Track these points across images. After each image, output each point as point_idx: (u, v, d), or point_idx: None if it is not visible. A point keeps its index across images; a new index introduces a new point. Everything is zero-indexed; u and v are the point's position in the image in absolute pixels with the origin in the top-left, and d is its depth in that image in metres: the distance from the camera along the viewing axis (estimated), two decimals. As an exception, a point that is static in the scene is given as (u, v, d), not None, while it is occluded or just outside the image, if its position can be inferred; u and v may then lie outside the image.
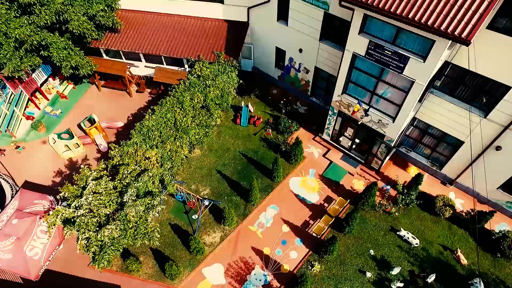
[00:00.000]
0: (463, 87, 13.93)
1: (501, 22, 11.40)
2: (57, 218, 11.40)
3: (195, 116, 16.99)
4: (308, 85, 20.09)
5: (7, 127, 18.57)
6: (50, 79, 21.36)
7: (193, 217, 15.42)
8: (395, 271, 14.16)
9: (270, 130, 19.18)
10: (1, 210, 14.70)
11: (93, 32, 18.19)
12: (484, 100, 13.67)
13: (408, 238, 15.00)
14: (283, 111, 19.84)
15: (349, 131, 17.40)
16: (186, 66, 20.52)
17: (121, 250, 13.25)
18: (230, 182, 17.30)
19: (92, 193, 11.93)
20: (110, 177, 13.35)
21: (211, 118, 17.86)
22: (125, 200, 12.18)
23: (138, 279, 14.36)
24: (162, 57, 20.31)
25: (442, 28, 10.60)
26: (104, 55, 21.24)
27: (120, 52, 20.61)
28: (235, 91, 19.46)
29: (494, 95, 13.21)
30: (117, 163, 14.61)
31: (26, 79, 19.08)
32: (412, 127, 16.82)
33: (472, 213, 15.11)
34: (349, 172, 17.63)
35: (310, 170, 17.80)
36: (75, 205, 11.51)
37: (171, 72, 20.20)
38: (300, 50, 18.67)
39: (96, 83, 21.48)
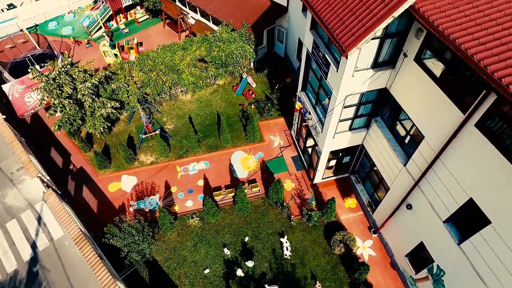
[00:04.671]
0: (398, 123, 12.39)
1: (424, 57, 10.03)
2: (34, 77, 16.04)
3: (189, 64, 19.56)
4: (311, 83, 19.98)
5: (88, 27, 25.00)
6: (138, 7, 27.09)
7: (140, 135, 18.41)
8: (249, 263, 14.22)
9: (253, 106, 20.21)
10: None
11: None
12: (408, 145, 11.96)
13: (284, 247, 14.56)
14: (274, 96, 20.45)
15: (303, 132, 17.11)
16: (223, 27, 23.02)
17: (75, 127, 17.37)
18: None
19: (63, 73, 16.15)
20: (89, 75, 17.40)
21: (206, 73, 20.12)
22: (79, 87, 16.04)
23: (83, 156, 18.44)
24: (210, 15, 23.26)
25: (335, 32, 10.14)
26: (176, 1, 25.61)
27: (186, 1, 24.52)
28: (250, 63, 20.93)
29: (414, 141, 11.49)
30: (111, 71, 18.65)
31: (115, -2, 25.04)
32: (363, 157, 15.48)
33: (356, 261, 13.53)
34: (288, 171, 17.49)
35: (258, 153, 18.37)
36: (47, 74, 15.95)
37: (205, 27, 23.09)
38: (309, 45, 18.75)
39: (162, 20, 26.20)
